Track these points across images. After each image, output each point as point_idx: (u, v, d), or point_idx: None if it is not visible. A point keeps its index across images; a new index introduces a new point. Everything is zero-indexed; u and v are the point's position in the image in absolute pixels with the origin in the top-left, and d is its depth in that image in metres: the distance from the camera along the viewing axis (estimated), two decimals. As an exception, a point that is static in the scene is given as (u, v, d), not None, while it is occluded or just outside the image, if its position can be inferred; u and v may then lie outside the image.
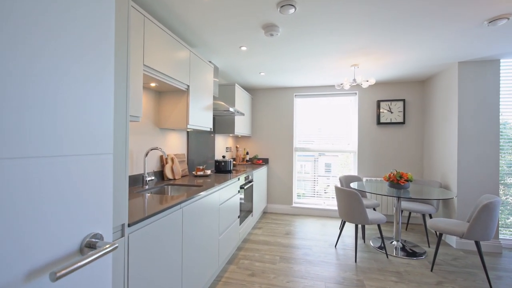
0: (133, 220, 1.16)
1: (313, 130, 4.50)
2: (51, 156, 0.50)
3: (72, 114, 0.54)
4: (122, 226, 1.10)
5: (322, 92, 4.37)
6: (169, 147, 2.54)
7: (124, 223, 1.09)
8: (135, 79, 1.57)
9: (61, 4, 0.52)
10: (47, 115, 0.49)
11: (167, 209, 1.42)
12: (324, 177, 4.49)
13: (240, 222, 2.91)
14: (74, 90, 0.54)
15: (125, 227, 1.10)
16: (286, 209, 4.47)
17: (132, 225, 1.14)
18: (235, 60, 3.04)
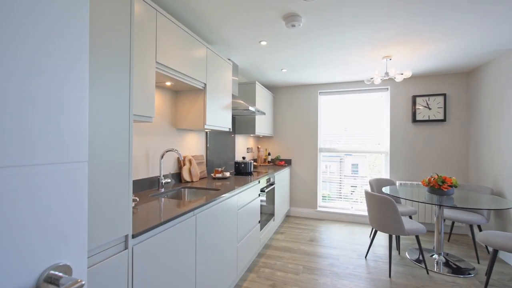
0: (139, 230, 1.05)
1: (339, 130, 4.20)
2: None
3: (27, 112, 0.43)
4: (126, 237, 1.00)
5: (349, 88, 4.06)
6: (187, 148, 2.47)
7: (127, 234, 0.99)
8: (146, 77, 1.49)
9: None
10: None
11: (178, 217, 1.31)
12: (351, 177, 4.18)
13: (261, 227, 2.76)
14: (37, 85, 0.43)
15: (129, 239, 1.00)
16: (310, 213, 4.23)
17: (137, 236, 1.04)
18: (255, 56, 2.89)
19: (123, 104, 0.96)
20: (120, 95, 0.95)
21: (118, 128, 0.94)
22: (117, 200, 0.94)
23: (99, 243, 0.88)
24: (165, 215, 1.29)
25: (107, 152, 0.90)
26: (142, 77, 1.45)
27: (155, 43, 1.57)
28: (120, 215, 0.96)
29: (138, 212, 1.33)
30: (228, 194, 1.91)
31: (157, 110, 2.07)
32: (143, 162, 1.91)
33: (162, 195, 1.89)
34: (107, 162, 0.90)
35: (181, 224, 1.35)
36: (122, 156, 0.96)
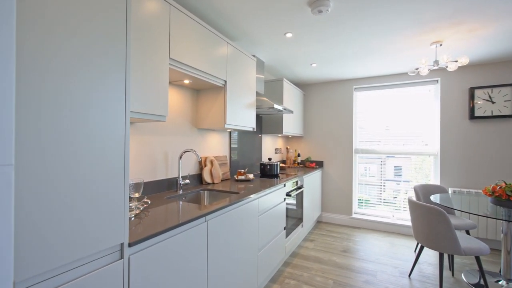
0: (140, 238, 0.96)
1: (378, 129, 3.78)
2: None
3: None
4: (121, 246, 0.91)
5: (389, 83, 3.62)
6: (208, 148, 2.39)
7: (122, 242, 0.91)
8: (157, 74, 1.42)
9: None
10: None
11: (185, 224, 1.20)
12: (393, 181, 3.72)
13: (287, 234, 2.56)
14: None
15: (125, 247, 0.91)
16: (344, 219, 3.88)
17: (134, 245, 0.94)
18: (281, 51, 2.70)
19: (116, 100, 0.88)
20: (111, 89, 0.87)
21: (109, 127, 0.86)
22: (110, 206, 0.86)
23: (88, 252, 0.80)
24: (172, 220, 1.19)
25: (94, 153, 0.82)
26: (153, 74, 1.39)
27: (168, 39, 1.50)
28: (114, 222, 0.87)
29: (147, 217, 1.25)
30: (247, 198, 1.77)
31: (177, 109, 2.02)
32: (162, 163, 1.87)
33: (179, 197, 1.83)
34: (94, 164, 0.81)
35: (189, 231, 1.24)
36: (114, 158, 0.87)
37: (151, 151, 1.79)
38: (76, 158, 0.76)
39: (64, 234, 0.74)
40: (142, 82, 1.32)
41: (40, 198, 0.68)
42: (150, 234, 1.01)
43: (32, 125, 0.66)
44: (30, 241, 0.65)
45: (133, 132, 1.65)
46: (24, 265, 0.63)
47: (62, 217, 0.73)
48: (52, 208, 0.71)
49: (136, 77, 1.28)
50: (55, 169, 0.71)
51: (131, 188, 1.43)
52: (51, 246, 0.70)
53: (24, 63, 0.64)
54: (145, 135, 1.75)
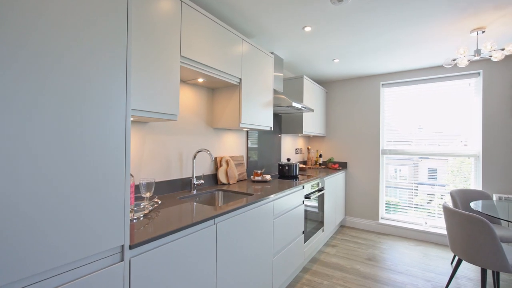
0: (139, 240, 0.93)
1: (410, 128, 3.48)
2: None
3: None
4: (122, 248, 0.88)
5: (421, 77, 3.32)
6: (224, 148, 2.35)
7: (123, 244, 0.88)
8: (168, 72, 1.40)
9: None
10: None
11: (191, 226, 1.15)
12: (427, 185, 3.39)
13: (306, 238, 2.44)
14: None
15: (125, 250, 0.88)
16: (370, 225, 3.63)
17: (135, 247, 0.91)
18: (300, 46, 2.58)
19: (114, 96, 0.85)
20: (110, 87, 0.84)
21: (108, 125, 0.83)
22: (108, 206, 0.83)
23: (87, 253, 0.77)
24: (180, 222, 1.16)
25: (92, 151, 0.79)
26: (162, 72, 1.36)
27: (179, 36, 1.47)
28: (113, 223, 0.84)
29: (155, 217, 1.23)
30: (262, 200, 1.69)
31: (192, 108, 2.00)
32: (176, 163, 1.86)
33: (193, 197, 1.80)
34: (91, 162, 0.79)
35: (196, 234, 1.19)
36: (114, 157, 0.85)
37: (166, 150, 1.79)
38: (72, 156, 0.74)
39: (61, 234, 0.72)
40: (151, 80, 1.30)
41: (35, 193, 0.66)
42: (153, 236, 0.97)
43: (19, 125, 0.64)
44: (20, 240, 0.64)
45: (147, 132, 1.66)
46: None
47: (58, 216, 0.71)
48: (46, 206, 0.69)
49: (144, 76, 1.27)
50: (50, 166, 0.69)
51: (142, 187, 1.43)
52: (46, 245, 0.69)
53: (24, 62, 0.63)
54: (160, 135, 1.75)
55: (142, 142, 1.63)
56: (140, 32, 1.25)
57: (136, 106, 1.22)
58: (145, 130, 1.65)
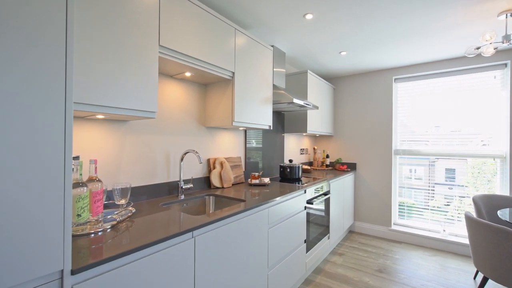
0: (85, 263, 0.76)
1: (425, 126, 3.19)
2: None
3: None
4: (61, 273, 0.72)
5: (439, 70, 3.02)
6: (219, 149, 2.18)
7: (62, 269, 0.71)
8: (142, 63, 1.23)
9: None
10: None
11: (161, 242, 0.98)
12: (445, 185, 3.10)
13: (308, 247, 2.22)
14: None
15: (66, 276, 0.72)
16: (381, 231, 3.36)
17: (79, 272, 0.74)
18: (303, 37, 2.37)
19: (45, 88, 0.68)
20: (34, 71, 0.67)
21: (32, 122, 0.66)
22: (40, 222, 0.67)
23: (13, 281, 0.61)
24: (150, 236, 0.99)
25: (13, 154, 0.63)
26: (134, 63, 1.20)
27: (157, 23, 1.30)
28: (48, 243, 0.68)
29: (124, 230, 1.06)
30: (255, 207, 1.50)
31: (181, 105, 1.83)
32: (162, 165, 1.70)
33: (179, 203, 1.63)
34: (12, 168, 0.63)
35: (168, 251, 1.01)
36: (48, 160, 0.68)
37: (150, 152, 1.63)
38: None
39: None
40: (120, 72, 1.14)
41: None
42: (105, 258, 0.80)
43: None
44: None
45: (127, 131, 1.50)
46: None
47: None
48: None
49: (109, 66, 1.10)
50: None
51: (116, 193, 1.27)
52: None
53: None
54: (143, 135, 1.59)
55: (121, 143, 1.47)
56: (102, 11, 1.09)
57: (97, 101, 1.06)
58: (124, 129, 1.49)
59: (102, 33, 1.07)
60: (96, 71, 1.06)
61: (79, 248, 0.87)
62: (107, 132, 1.41)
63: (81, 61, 1.01)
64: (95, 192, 1.11)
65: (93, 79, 1.04)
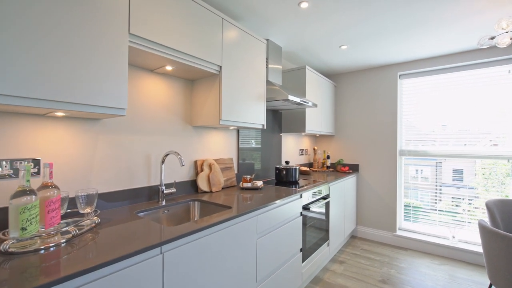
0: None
1: (432, 125, 2.99)
2: None
3: None
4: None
5: (448, 65, 2.81)
6: (209, 150, 2.02)
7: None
8: (106, 53, 1.08)
9: None
10: None
11: (114, 262, 0.82)
12: (452, 186, 2.90)
13: (305, 256, 2.05)
14: None
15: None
16: (385, 237, 3.17)
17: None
18: (299, 29, 2.20)
19: None
20: None
21: None
22: None
23: None
24: (110, 253, 0.84)
25: None
26: (97, 52, 1.05)
27: (127, 7, 1.15)
28: None
29: (84, 245, 0.92)
30: (241, 216, 1.34)
31: (164, 103, 1.69)
32: (142, 168, 1.55)
33: (158, 210, 1.48)
34: None
35: (127, 271, 0.86)
36: None
37: (128, 154, 1.48)
38: None
39: None
40: (77, 63, 0.99)
41: None
42: (38, 285, 0.65)
43: None
44: None
45: (100, 131, 1.36)
46: None
47: None
48: None
49: (63, 57, 0.95)
50: None
51: (81, 201, 1.12)
52: None
53: None
54: (120, 135, 1.45)
55: (92, 144, 1.33)
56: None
57: (52, 96, 0.91)
58: (96, 129, 1.35)
59: (56, 18, 0.93)
60: (51, 62, 0.91)
61: (16, 268, 0.72)
62: (76, 132, 1.27)
63: (25, 50, 0.86)
64: (49, 201, 0.96)
65: (47, 71, 0.90)
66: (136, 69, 1.52)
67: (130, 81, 1.49)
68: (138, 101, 1.54)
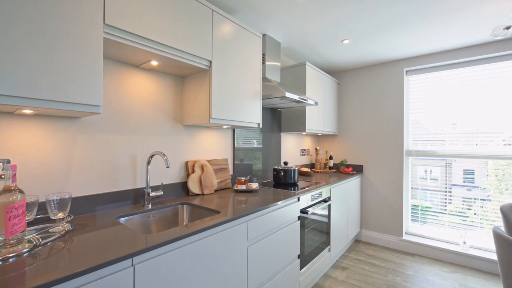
0: None
1: (441, 124, 2.82)
2: None
3: None
4: None
5: (458, 59, 2.64)
6: (202, 150, 1.93)
7: None
8: (79, 45, 0.99)
9: None
10: None
11: (76, 277, 0.73)
12: (463, 186, 2.74)
13: (303, 263, 1.94)
14: None
15: None
16: (391, 241, 3.01)
17: None
18: (297, 22, 2.08)
19: None
20: None
21: None
22: None
23: None
24: (77, 264, 0.74)
25: None
26: (68, 44, 0.96)
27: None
28: None
29: (48, 256, 0.83)
30: (228, 222, 1.23)
31: (152, 100, 1.60)
32: (127, 169, 1.47)
33: (143, 214, 1.39)
34: None
35: (91, 286, 0.76)
36: None
37: (112, 154, 1.40)
38: None
39: None
40: (43, 55, 0.90)
41: None
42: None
43: None
44: None
45: (79, 130, 1.27)
46: None
47: None
48: None
49: (27, 44, 0.87)
50: None
51: (52, 206, 1.04)
52: None
53: None
54: (102, 134, 1.36)
55: (70, 144, 1.25)
56: (20, -18, 0.85)
57: (15, 92, 0.82)
58: (75, 128, 1.26)
59: (19, 6, 0.84)
60: (13, 54, 0.83)
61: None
62: (51, 132, 1.19)
63: (-21, 37, 0.77)
64: (11, 207, 0.87)
65: (9, 64, 0.81)
66: (120, 65, 1.43)
67: (114, 78, 1.41)
68: (122, 99, 1.45)
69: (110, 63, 1.39)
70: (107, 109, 1.38)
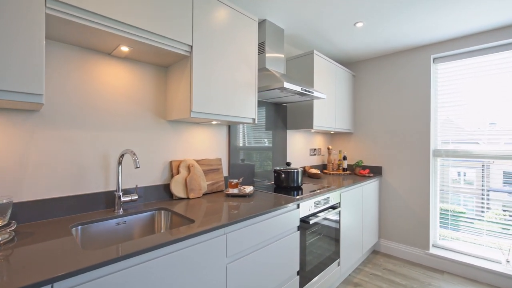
0: None
1: (476, 121, 2.39)
2: None
3: None
4: None
5: (499, 41, 2.21)
6: (190, 148, 1.73)
7: None
8: (10, 22, 0.82)
9: None
10: None
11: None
12: (503, 192, 2.30)
13: (305, 280, 1.67)
14: None
15: None
16: (415, 254, 2.62)
17: None
18: (302, 4, 1.81)
19: None
20: None
21: None
22: None
23: None
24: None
25: None
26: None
27: (41, -36, 0.89)
28: None
29: None
30: (197, 236, 1.02)
31: (129, 93, 1.43)
32: (96, 170, 1.30)
33: (110, 222, 1.21)
34: None
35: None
36: None
37: (77, 153, 1.24)
38: None
39: None
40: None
41: None
42: None
43: None
44: None
45: (36, 124, 1.13)
46: None
47: None
48: None
49: None
50: None
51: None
52: None
53: None
54: (66, 130, 1.21)
55: (25, 141, 1.10)
56: None
57: None
58: (31, 122, 1.12)
59: None
60: None
61: None
62: (1, 126, 1.04)
63: None
64: None
65: None
66: (88, 52, 1.27)
67: (79, 66, 1.25)
68: (91, 90, 1.29)
69: (75, 49, 1.23)
70: (70, 101, 1.22)
